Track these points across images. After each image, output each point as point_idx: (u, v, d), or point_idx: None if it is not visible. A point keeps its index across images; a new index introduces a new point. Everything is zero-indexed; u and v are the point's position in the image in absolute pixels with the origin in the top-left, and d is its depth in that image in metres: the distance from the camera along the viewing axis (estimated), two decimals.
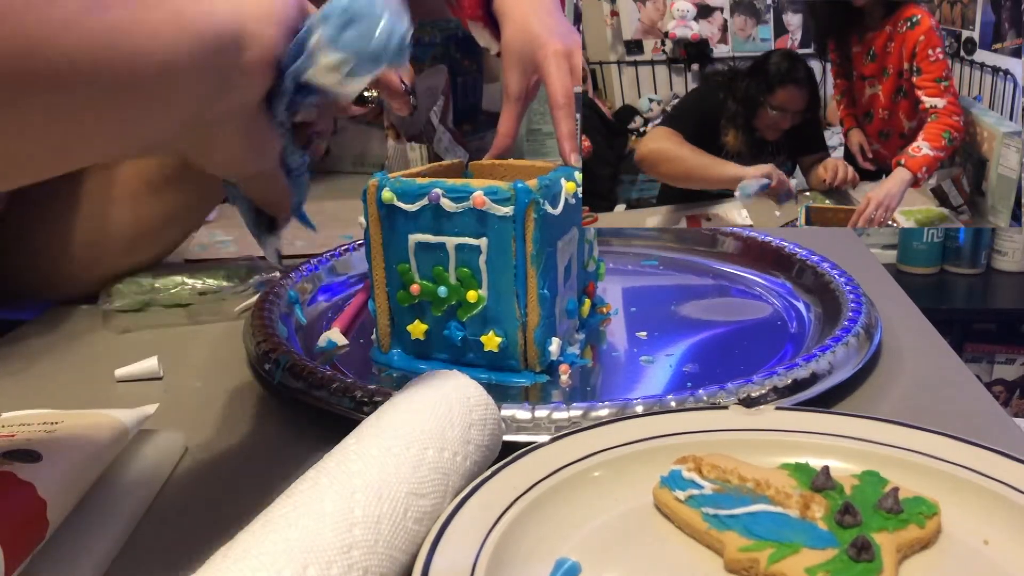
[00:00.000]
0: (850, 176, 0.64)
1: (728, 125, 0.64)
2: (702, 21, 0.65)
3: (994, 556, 0.39)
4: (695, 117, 0.66)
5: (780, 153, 0.66)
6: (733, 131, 0.64)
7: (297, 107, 0.46)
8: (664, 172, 0.66)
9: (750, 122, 0.65)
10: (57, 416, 0.47)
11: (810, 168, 0.68)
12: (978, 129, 0.61)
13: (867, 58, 0.63)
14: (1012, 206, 0.59)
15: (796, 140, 0.66)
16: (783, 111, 0.64)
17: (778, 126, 0.65)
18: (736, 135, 0.64)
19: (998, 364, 1.97)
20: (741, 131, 0.65)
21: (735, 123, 0.64)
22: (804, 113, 0.65)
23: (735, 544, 0.39)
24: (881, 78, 0.63)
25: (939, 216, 0.63)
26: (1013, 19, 0.59)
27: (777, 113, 0.64)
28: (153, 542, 0.44)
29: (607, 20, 0.66)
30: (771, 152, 0.66)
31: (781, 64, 0.64)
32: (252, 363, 0.62)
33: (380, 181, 0.59)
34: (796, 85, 0.64)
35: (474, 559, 0.37)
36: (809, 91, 0.65)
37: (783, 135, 0.66)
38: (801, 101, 0.65)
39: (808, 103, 0.65)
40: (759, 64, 0.64)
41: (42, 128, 0.34)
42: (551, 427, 0.50)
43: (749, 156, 0.65)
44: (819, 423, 0.47)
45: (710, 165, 0.65)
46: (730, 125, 0.64)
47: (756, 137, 0.65)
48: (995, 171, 0.60)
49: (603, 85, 0.67)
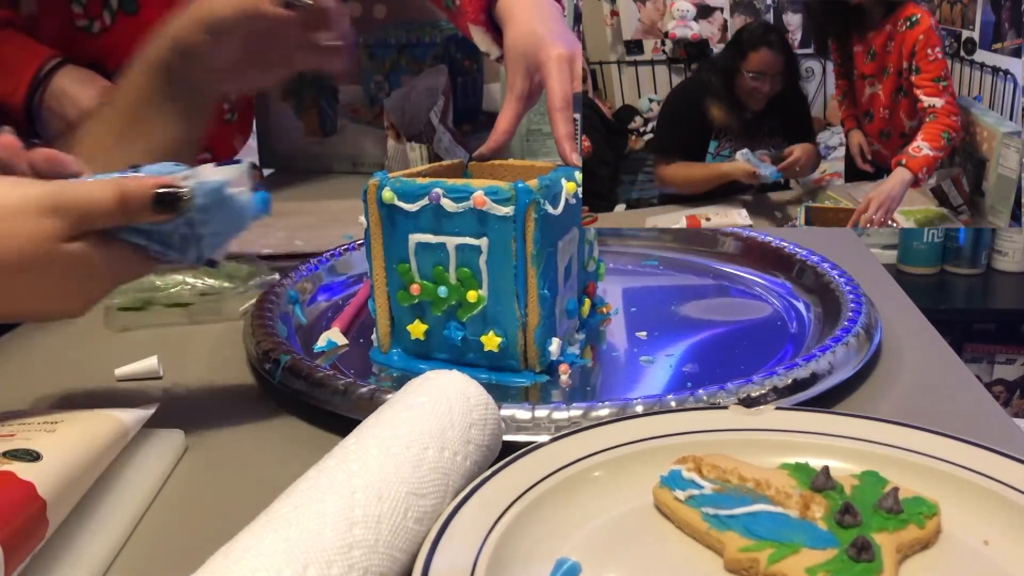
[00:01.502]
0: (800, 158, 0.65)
1: (712, 101, 0.65)
2: (702, 21, 0.65)
3: (994, 556, 0.39)
4: (681, 120, 0.66)
5: (775, 135, 0.66)
6: (716, 106, 0.64)
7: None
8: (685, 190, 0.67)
9: (732, 93, 0.64)
10: (57, 416, 0.47)
11: None
12: (978, 129, 0.61)
13: (867, 57, 0.63)
14: (1012, 206, 0.59)
15: (787, 121, 0.66)
16: (760, 75, 0.64)
17: (758, 93, 0.64)
18: (720, 108, 0.64)
19: (998, 364, 1.97)
20: (725, 104, 0.65)
21: (717, 97, 0.65)
22: (783, 78, 0.65)
23: (735, 544, 0.39)
24: (881, 77, 0.63)
25: (939, 216, 0.63)
26: (1013, 19, 0.59)
27: (754, 76, 0.64)
28: (153, 542, 0.44)
29: (607, 20, 0.66)
30: (766, 133, 0.66)
31: (754, 31, 0.65)
32: (252, 363, 0.62)
33: (380, 181, 0.59)
34: (768, 47, 0.64)
35: (474, 559, 0.37)
36: (784, 55, 0.65)
37: (773, 113, 0.65)
38: (776, 64, 0.65)
39: (784, 67, 0.65)
40: (734, 37, 0.65)
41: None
42: (551, 427, 0.50)
43: (744, 134, 0.65)
44: (819, 423, 0.47)
45: (710, 176, 0.66)
46: (713, 100, 0.65)
47: (744, 114, 0.65)
48: (995, 171, 0.60)
49: (603, 85, 0.67)
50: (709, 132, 0.66)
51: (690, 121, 0.66)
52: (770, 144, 0.65)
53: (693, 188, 0.67)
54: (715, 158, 0.66)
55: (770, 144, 0.65)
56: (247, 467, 0.51)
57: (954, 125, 0.60)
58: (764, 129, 0.66)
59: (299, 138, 1.29)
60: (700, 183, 0.66)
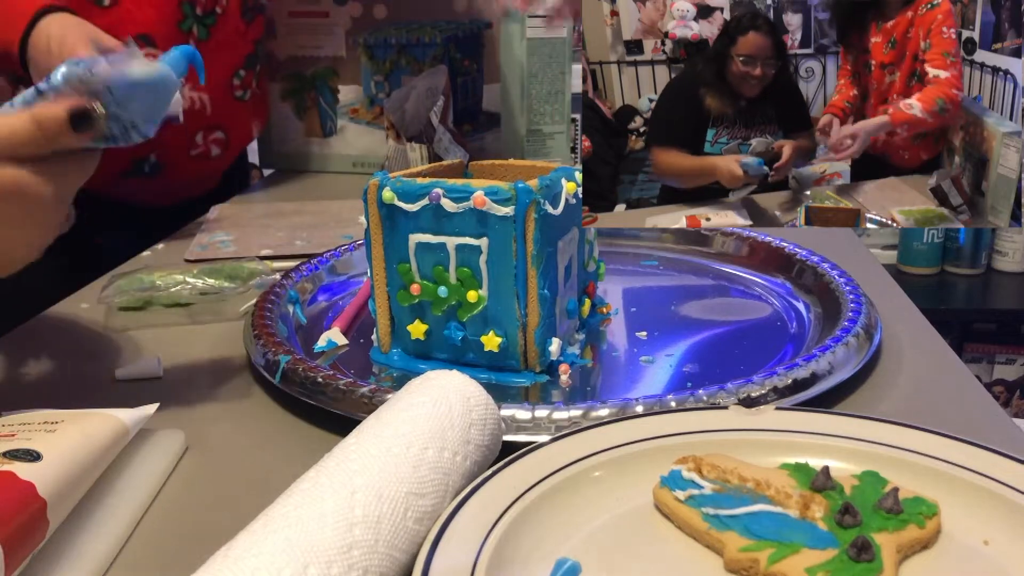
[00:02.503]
0: (790, 160, 0.65)
1: (705, 90, 0.65)
2: (702, 21, 0.65)
3: (994, 556, 0.39)
4: (677, 108, 0.66)
5: (771, 122, 0.66)
6: (711, 94, 0.64)
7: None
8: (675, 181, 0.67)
9: (724, 79, 0.65)
10: (57, 416, 0.47)
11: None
12: (978, 129, 0.61)
13: (887, 46, 0.63)
14: (1012, 206, 0.59)
15: (783, 110, 0.66)
16: (751, 59, 0.64)
17: (750, 78, 0.65)
18: (714, 97, 0.65)
19: (998, 364, 1.97)
20: (718, 92, 0.65)
21: (710, 85, 0.65)
22: (774, 62, 0.65)
23: (735, 544, 0.39)
24: (900, 64, 0.63)
25: (939, 216, 0.63)
26: (1013, 19, 0.59)
27: (745, 60, 0.64)
28: (153, 542, 0.44)
29: (607, 20, 0.66)
30: (761, 121, 0.66)
31: (742, 17, 0.65)
32: (252, 363, 0.62)
33: (381, 181, 0.59)
34: (757, 31, 0.64)
35: (474, 559, 0.37)
36: (772, 39, 0.65)
37: (767, 101, 0.65)
38: (766, 48, 0.65)
39: (774, 51, 0.65)
40: (723, 26, 0.65)
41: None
42: (551, 427, 0.50)
43: (736, 120, 0.65)
44: (819, 423, 0.47)
45: (697, 166, 0.66)
46: (706, 89, 0.65)
47: (739, 102, 0.65)
48: (995, 171, 0.60)
49: (603, 85, 0.67)
50: (706, 121, 0.66)
51: (686, 110, 0.66)
52: (766, 132, 0.65)
53: (682, 179, 0.67)
54: (713, 146, 0.66)
55: (766, 132, 0.65)
56: (247, 467, 0.51)
57: (952, 97, 0.60)
58: (759, 117, 0.66)
59: (299, 138, 1.29)
60: (688, 174, 0.66)
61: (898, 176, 0.65)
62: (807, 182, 0.67)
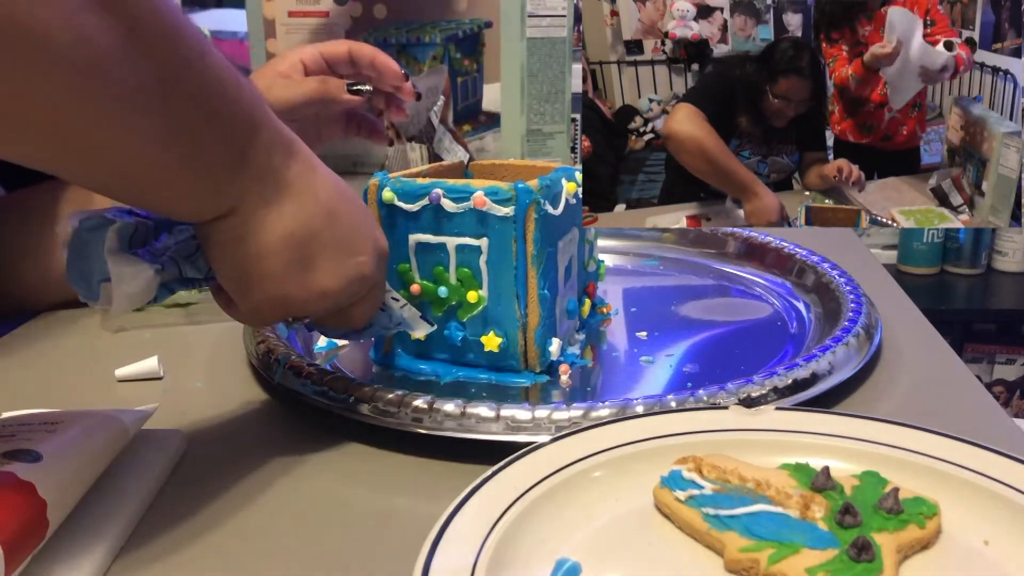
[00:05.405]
0: (855, 175, 0.65)
1: (740, 111, 0.65)
2: (702, 21, 0.65)
3: (994, 556, 0.39)
4: (716, 96, 0.66)
5: (790, 141, 0.66)
6: (746, 116, 0.65)
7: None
8: (687, 162, 0.66)
9: (757, 107, 0.65)
10: (57, 416, 0.47)
11: (808, 167, 0.68)
12: (978, 129, 0.61)
13: (883, 31, 0.63)
14: (1012, 206, 0.59)
15: (803, 131, 0.66)
16: (786, 100, 0.64)
17: (783, 114, 0.65)
18: (748, 120, 0.65)
19: (998, 364, 1.97)
20: (751, 116, 0.65)
21: (744, 108, 0.65)
22: (809, 103, 0.65)
23: (735, 544, 0.39)
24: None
25: (939, 216, 0.63)
26: (1013, 19, 0.59)
27: (780, 101, 0.64)
28: (153, 542, 0.44)
29: (607, 20, 0.66)
30: (780, 139, 0.66)
31: (786, 52, 0.65)
32: (252, 363, 0.62)
33: (381, 181, 0.59)
34: (798, 75, 0.65)
35: (474, 559, 0.37)
36: (813, 82, 0.65)
37: (793, 124, 0.66)
38: (804, 91, 0.65)
39: (812, 93, 0.65)
40: (767, 50, 0.65)
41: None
42: (551, 427, 0.50)
43: (761, 140, 0.65)
44: (819, 423, 0.47)
45: (734, 171, 0.66)
46: (741, 111, 0.65)
47: (768, 128, 0.66)
48: (995, 171, 0.60)
49: (603, 85, 0.67)
50: (731, 130, 0.66)
51: (718, 111, 0.66)
52: (783, 151, 0.66)
53: (702, 161, 0.66)
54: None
55: (783, 151, 0.66)
56: (247, 467, 0.51)
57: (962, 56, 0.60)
58: (780, 136, 0.66)
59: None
60: (718, 167, 0.65)
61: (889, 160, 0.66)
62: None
